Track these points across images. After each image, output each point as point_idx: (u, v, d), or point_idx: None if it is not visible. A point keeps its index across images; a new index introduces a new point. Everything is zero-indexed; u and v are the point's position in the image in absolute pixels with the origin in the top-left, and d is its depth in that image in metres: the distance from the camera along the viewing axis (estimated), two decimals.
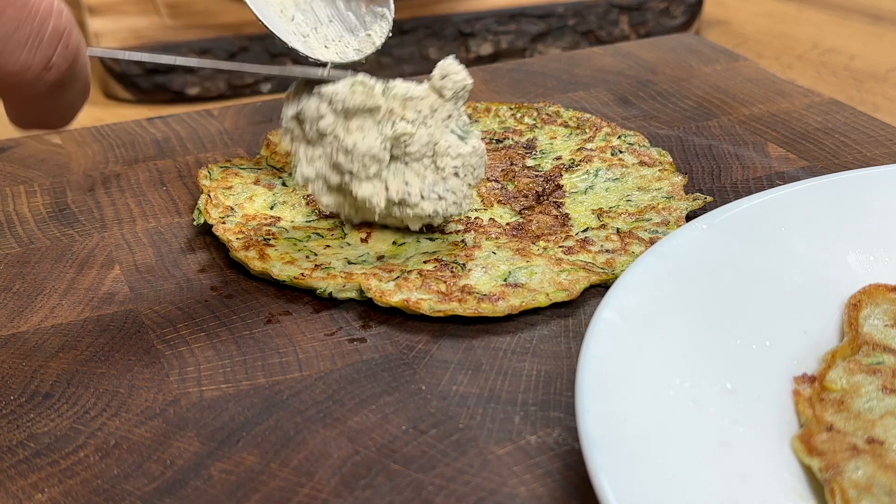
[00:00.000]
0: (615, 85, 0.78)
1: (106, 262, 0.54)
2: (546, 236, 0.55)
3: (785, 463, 0.38)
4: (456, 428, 0.42)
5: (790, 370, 0.42)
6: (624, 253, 0.53)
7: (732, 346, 0.42)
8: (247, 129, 0.70)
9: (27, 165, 0.65)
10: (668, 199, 0.58)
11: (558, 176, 0.61)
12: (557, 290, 0.50)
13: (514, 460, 0.40)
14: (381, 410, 0.43)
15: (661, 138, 0.68)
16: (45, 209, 0.60)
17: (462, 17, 0.95)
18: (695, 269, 0.46)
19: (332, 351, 0.47)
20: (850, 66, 0.96)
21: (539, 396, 0.44)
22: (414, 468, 0.40)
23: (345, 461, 0.40)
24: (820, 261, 0.48)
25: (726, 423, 0.38)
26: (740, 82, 0.78)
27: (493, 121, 0.69)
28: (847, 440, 0.38)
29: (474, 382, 0.45)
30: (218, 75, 0.88)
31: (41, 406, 0.44)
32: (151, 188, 0.62)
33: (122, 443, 0.41)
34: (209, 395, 0.44)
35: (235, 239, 0.54)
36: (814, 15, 1.11)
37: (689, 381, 0.39)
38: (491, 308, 0.48)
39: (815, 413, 0.40)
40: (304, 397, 0.44)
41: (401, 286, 0.50)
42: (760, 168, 0.64)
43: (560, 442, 0.41)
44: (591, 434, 0.35)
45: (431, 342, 0.48)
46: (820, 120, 0.71)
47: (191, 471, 0.40)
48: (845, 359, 0.43)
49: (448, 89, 0.52)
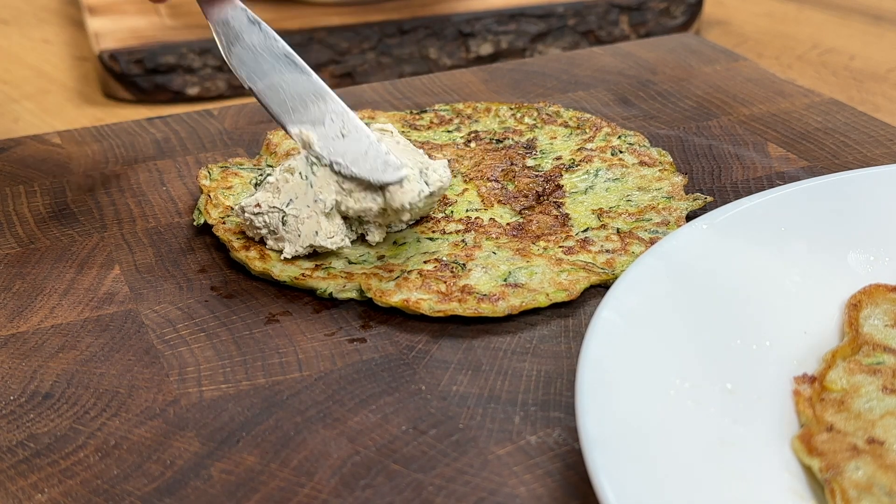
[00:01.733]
0: (615, 85, 0.78)
1: (106, 263, 0.54)
2: (546, 236, 0.55)
3: (785, 463, 0.38)
4: (456, 428, 0.42)
5: (790, 370, 0.42)
6: (624, 253, 0.53)
7: (732, 346, 0.42)
8: (247, 129, 0.70)
9: (27, 165, 0.65)
10: (669, 200, 0.58)
11: (558, 176, 0.61)
12: (557, 290, 0.50)
13: (515, 460, 0.40)
14: (381, 410, 0.43)
15: (662, 138, 0.68)
16: (45, 209, 0.60)
17: (462, 16, 0.95)
18: (695, 269, 0.46)
19: (332, 351, 0.47)
20: (851, 66, 0.96)
21: (539, 396, 0.44)
22: (414, 468, 0.40)
23: (345, 461, 0.40)
24: (820, 261, 0.48)
25: (726, 423, 0.38)
26: (740, 82, 0.78)
27: (493, 121, 0.69)
28: (847, 440, 0.38)
29: (474, 382, 0.45)
30: (218, 74, 0.89)
31: (41, 406, 0.44)
32: (151, 188, 0.62)
33: (121, 443, 0.41)
34: (209, 396, 0.44)
35: (236, 239, 0.54)
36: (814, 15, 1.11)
37: (690, 381, 0.39)
38: (491, 308, 0.48)
39: (815, 413, 0.40)
40: (304, 397, 0.44)
41: (401, 286, 0.50)
42: (761, 168, 0.64)
43: (560, 442, 0.41)
44: (591, 434, 0.35)
45: (431, 342, 0.48)
46: (820, 120, 0.71)
47: (191, 471, 0.40)
48: (845, 359, 0.43)
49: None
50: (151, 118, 0.72)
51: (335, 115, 0.53)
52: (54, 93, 0.91)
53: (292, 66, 0.54)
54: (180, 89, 0.88)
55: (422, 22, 0.94)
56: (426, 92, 0.77)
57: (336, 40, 0.92)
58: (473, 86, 0.78)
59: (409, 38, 0.94)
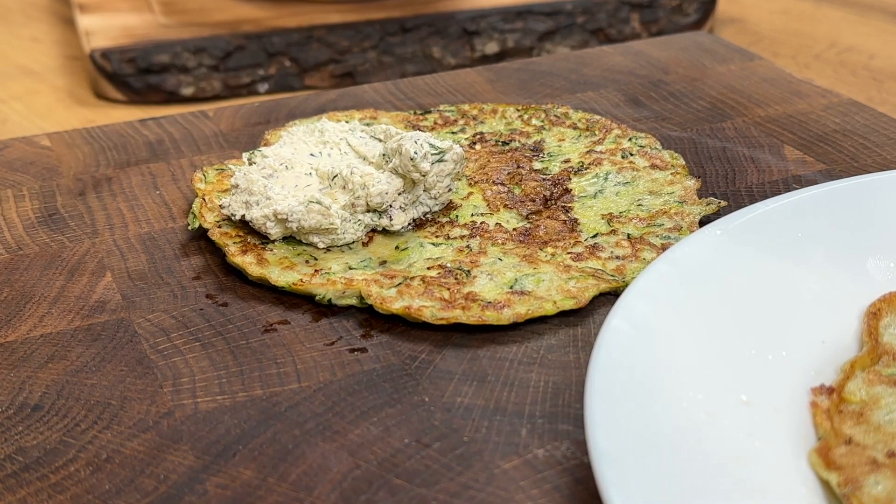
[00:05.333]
0: (626, 85, 0.78)
1: (97, 269, 0.55)
2: (554, 242, 0.55)
3: (802, 478, 0.38)
4: (460, 441, 0.42)
5: (807, 381, 0.42)
6: (635, 259, 0.53)
7: (747, 357, 0.42)
8: (243, 130, 0.71)
9: (15, 168, 0.65)
10: (681, 204, 0.58)
11: (567, 179, 0.61)
12: (566, 297, 0.50)
13: (521, 475, 0.40)
14: (382, 423, 0.43)
15: (674, 140, 0.68)
16: (34, 214, 0.60)
17: (467, 14, 0.95)
18: (708, 276, 0.46)
19: (332, 361, 0.47)
20: (870, 65, 0.96)
21: (546, 408, 0.44)
22: (417, 483, 0.40)
23: (345, 476, 0.40)
24: (838, 268, 0.48)
25: (741, 436, 0.38)
26: (756, 82, 0.78)
27: (500, 122, 0.69)
28: (867, 454, 0.38)
29: (479, 394, 0.45)
30: (213, 74, 0.89)
31: (30, 419, 0.44)
32: (144, 192, 0.63)
33: (113, 457, 0.42)
34: (204, 408, 0.44)
35: (232, 243, 0.54)
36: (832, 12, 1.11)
37: (703, 393, 0.40)
38: (496, 316, 0.48)
39: (833, 426, 0.40)
40: (302, 409, 0.44)
41: (402, 293, 0.50)
42: (776, 171, 0.64)
43: (569, 456, 0.41)
44: (600, 447, 0.35)
45: (435, 352, 0.48)
46: (838, 121, 0.71)
47: (185, 486, 0.40)
48: (864, 369, 0.43)
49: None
50: (144, 119, 0.73)
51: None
52: (43, 93, 0.91)
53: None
54: (174, 89, 0.89)
55: (425, 20, 0.94)
56: (429, 92, 0.77)
57: (336, 39, 0.92)
58: (479, 86, 0.78)
59: (411, 37, 0.94)
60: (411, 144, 0.54)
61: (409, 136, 0.55)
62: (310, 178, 0.57)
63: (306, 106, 0.74)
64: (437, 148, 0.55)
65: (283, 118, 0.72)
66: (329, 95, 0.76)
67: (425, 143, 0.55)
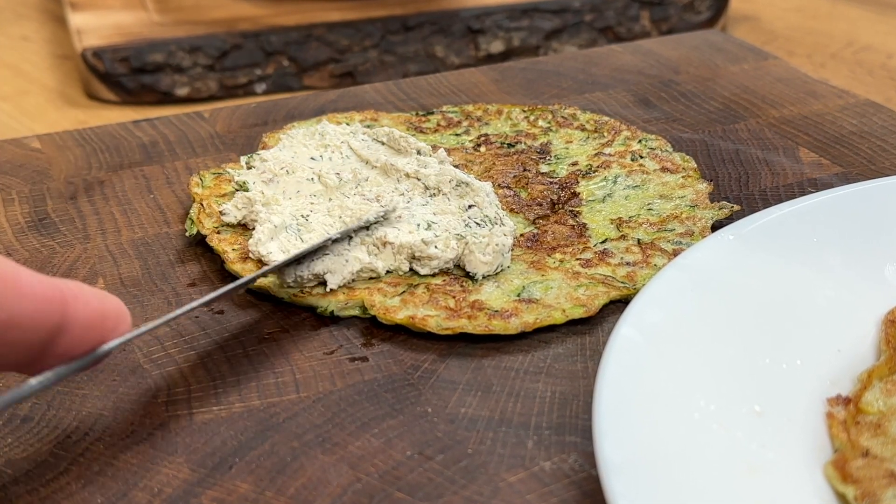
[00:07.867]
0: (635, 85, 0.78)
1: (89, 276, 0.55)
2: (562, 248, 0.55)
3: (817, 491, 0.38)
4: (464, 453, 0.42)
5: (823, 391, 0.42)
6: (645, 266, 0.53)
7: (761, 366, 0.42)
8: (240, 132, 0.71)
9: (4, 172, 0.66)
10: (693, 208, 0.58)
11: (574, 183, 0.61)
12: (574, 305, 0.50)
13: (527, 488, 0.40)
14: (384, 434, 0.43)
15: (685, 142, 0.68)
16: (24, 218, 0.60)
17: (471, 12, 0.95)
18: (721, 282, 0.46)
19: (332, 371, 0.47)
20: (888, 64, 0.96)
21: (554, 419, 0.44)
22: (419, 497, 0.40)
23: (345, 489, 0.40)
24: (855, 274, 0.48)
25: (754, 447, 0.38)
26: (770, 82, 0.78)
27: (505, 124, 0.69)
28: (884, 466, 0.38)
29: (484, 405, 0.45)
30: (209, 74, 0.89)
31: (19, 430, 0.44)
32: (138, 196, 0.63)
33: (106, 469, 0.42)
34: (200, 419, 0.44)
35: (231, 250, 0.54)
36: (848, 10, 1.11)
37: (715, 403, 0.40)
38: (503, 325, 0.49)
39: (849, 437, 0.40)
40: (301, 420, 0.44)
41: (406, 302, 0.50)
42: (791, 174, 0.64)
43: (576, 468, 0.41)
44: (609, 460, 0.35)
45: (438, 361, 0.48)
46: (855, 123, 0.71)
47: (180, 499, 0.40)
48: (882, 379, 0.43)
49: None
50: (138, 121, 0.73)
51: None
52: (34, 93, 0.92)
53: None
54: (169, 90, 0.89)
55: (428, 18, 0.94)
56: (432, 93, 0.77)
57: (336, 37, 0.92)
58: (483, 86, 0.79)
59: (413, 35, 0.94)
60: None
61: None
62: (311, 184, 0.57)
63: (305, 107, 0.74)
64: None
65: (282, 119, 0.72)
66: (328, 96, 0.77)
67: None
